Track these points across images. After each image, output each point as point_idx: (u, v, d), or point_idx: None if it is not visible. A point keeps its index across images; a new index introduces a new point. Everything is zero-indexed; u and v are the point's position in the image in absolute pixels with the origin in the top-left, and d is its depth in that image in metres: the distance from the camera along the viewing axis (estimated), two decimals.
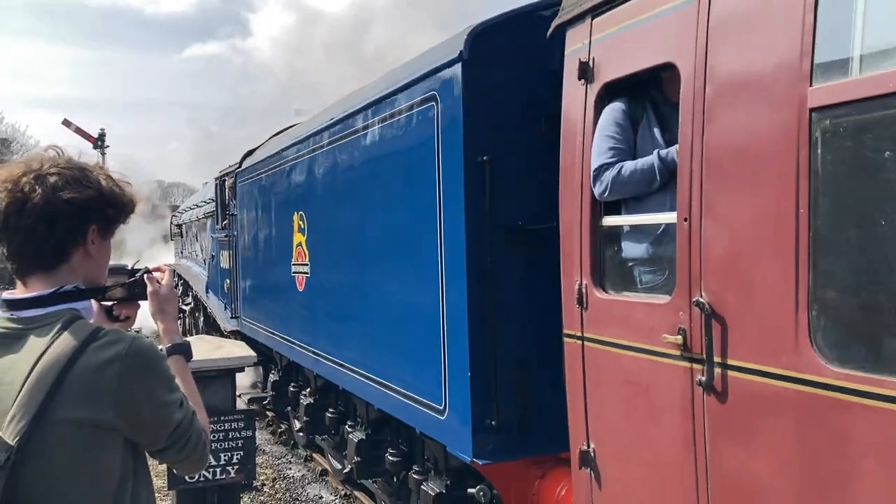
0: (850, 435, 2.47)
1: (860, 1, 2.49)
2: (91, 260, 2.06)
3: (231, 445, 5.75)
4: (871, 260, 2.47)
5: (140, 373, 1.93)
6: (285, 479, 9.83)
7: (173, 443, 2.02)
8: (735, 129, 2.91)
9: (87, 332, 1.92)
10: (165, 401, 1.98)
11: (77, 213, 1.98)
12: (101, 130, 49.54)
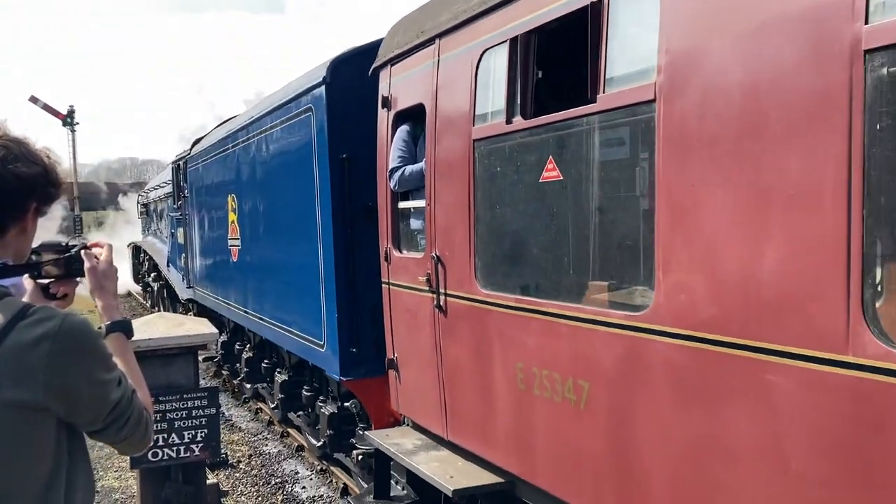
0: (491, 328, 4.36)
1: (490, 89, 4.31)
2: (25, 235, 2.01)
3: (195, 423, 5.70)
4: (492, 230, 4.35)
5: (73, 351, 1.85)
6: (261, 455, 9.80)
7: (112, 422, 1.95)
8: (446, 149, 4.77)
9: (16, 310, 1.84)
10: (101, 379, 1.91)
11: (23, 188, 1.93)
12: (70, 107, 48.08)
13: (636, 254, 3.29)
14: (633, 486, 3.33)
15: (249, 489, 8.69)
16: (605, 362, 3.42)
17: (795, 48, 2.48)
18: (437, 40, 4.90)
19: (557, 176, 3.78)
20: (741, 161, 2.68)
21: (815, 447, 2.49)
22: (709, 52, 2.84)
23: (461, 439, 4.83)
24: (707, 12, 2.86)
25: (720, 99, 2.77)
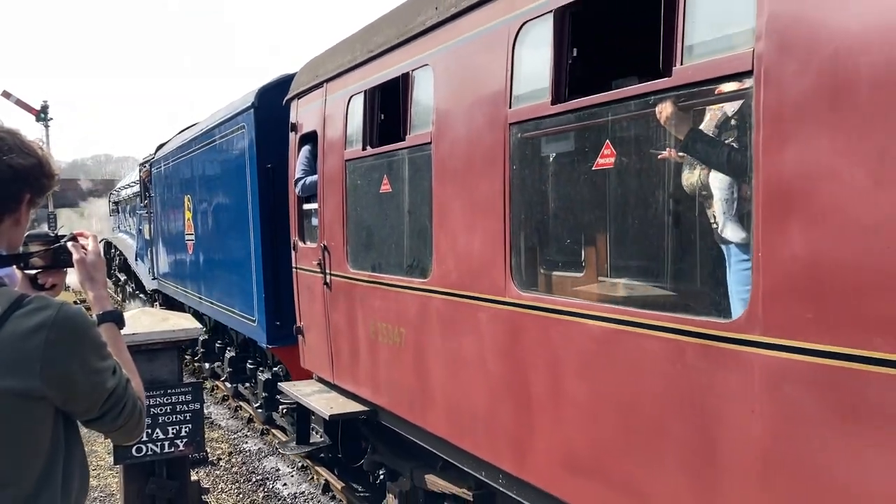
0: (356, 296, 6.05)
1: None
2: (18, 227, 2.03)
3: (179, 418, 5.70)
4: (356, 226, 6.05)
5: (69, 339, 1.86)
6: (241, 452, 9.84)
7: (108, 410, 1.97)
8: (329, 166, 6.45)
9: (11, 299, 1.87)
10: (97, 367, 1.93)
11: (18, 179, 1.95)
12: (43, 102, 46.90)
13: (426, 242, 4.99)
14: (426, 396, 5.05)
15: (230, 487, 8.67)
16: (412, 313, 5.14)
17: (484, 120, 4.21)
18: (325, 84, 6.59)
19: (388, 189, 5.50)
20: (465, 186, 4.41)
21: (497, 354, 4.22)
22: (452, 122, 4.56)
23: (342, 382, 6.53)
24: (458, 110, 4.56)
25: (457, 148, 4.48)
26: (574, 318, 3.57)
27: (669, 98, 3.06)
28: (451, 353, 4.69)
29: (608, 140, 3.49)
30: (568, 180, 4.10)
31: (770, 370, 2.59)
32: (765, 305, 2.56)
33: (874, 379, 2.28)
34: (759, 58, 2.63)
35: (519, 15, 3.89)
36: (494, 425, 4.27)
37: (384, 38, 5.51)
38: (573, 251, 4.18)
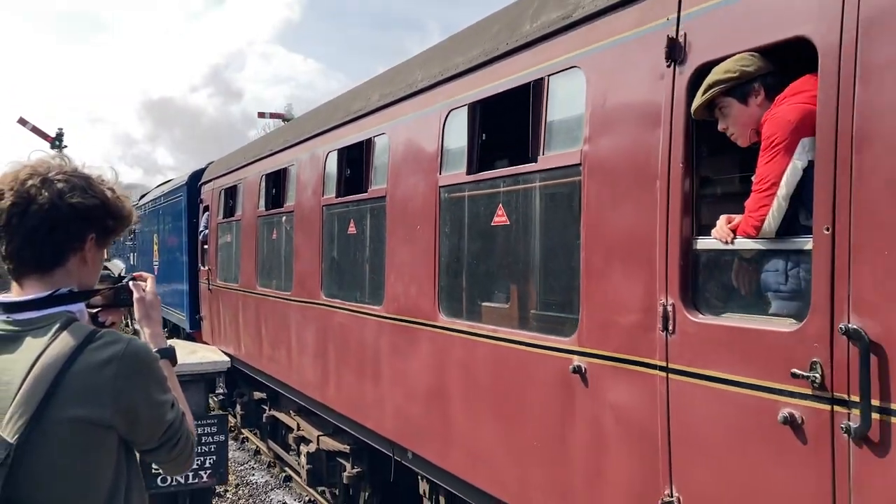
0: (222, 298, 11.46)
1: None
2: (86, 266, 2.13)
3: (204, 450, 5.69)
4: (221, 257, 11.52)
5: (136, 373, 1.99)
6: (248, 484, 9.94)
7: (165, 441, 2.09)
8: (212, 226, 11.91)
9: (85, 334, 1.98)
10: (159, 400, 2.06)
11: (79, 219, 2.05)
12: (58, 130, 49.03)
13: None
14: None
15: None
16: (241, 302, 10.53)
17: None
18: (213, 181, 12.07)
19: (230, 239, 10.95)
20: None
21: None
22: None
23: (218, 344, 11.88)
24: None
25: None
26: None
27: None
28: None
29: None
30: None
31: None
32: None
33: None
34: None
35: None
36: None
37: (232, 162, 11.01)
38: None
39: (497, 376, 4.69)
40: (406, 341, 5.82)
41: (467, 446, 5.07)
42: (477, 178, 4.95)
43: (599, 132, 3.80)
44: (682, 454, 3.32)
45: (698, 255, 3.30)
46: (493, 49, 4.84)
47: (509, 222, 4.64)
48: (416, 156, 5.74)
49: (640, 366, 3.53)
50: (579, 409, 3.93)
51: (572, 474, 4.00)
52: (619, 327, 3.65)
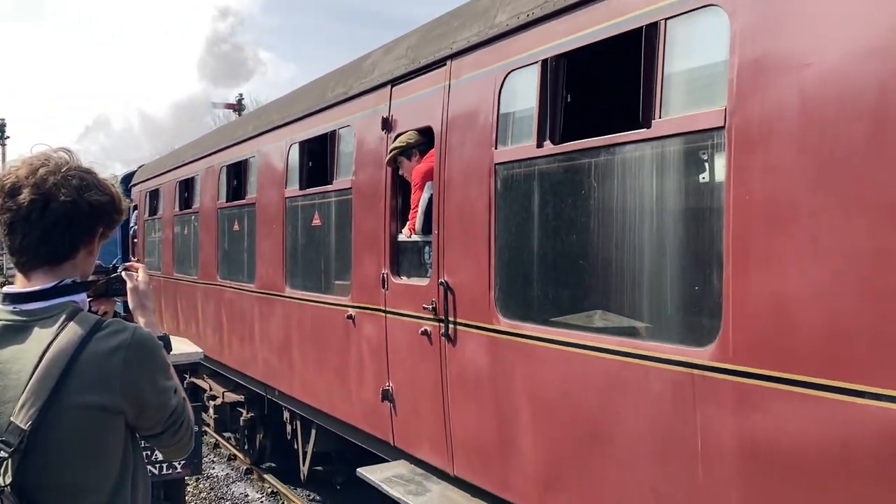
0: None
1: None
2: (91, 258, 2.21)
3: None
4: (150, 248, 13.68)
5: (143, 360, 2.06)
6: (209, 478, 9.88)
7: (170, 426, 2.16)
8: (142, 221, 14.04)
9: (92, 323, 2.05)
10: (165, 386, 2.13)
11: (94, 215, 2.12)
12: (1, 120, 48.05)
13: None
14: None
15: None
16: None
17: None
18: (140, 184, 14.18)
19: (157, 235, 13.11)
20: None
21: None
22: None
23: None
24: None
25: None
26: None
27: None
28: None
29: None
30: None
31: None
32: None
33: None
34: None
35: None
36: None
37: (155, 169, 13.15)
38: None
39: (313, 325, 7.05)
40: (268, 308, 8.14)
41: (302, 378, 7.41)
42: (304, 193, 7.28)
43: (360, 167, 6.18)
44: (392, 359, 5.71)
45: (397, 244, 5.69)
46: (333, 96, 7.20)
47: (321, 223, 7.00)
48: (272, 172, 8.05)
49: (374, 311, 5.91)
50: (352, 339, 6.31)
51: (350, 377, 6.39)
52: (367, 289, 6.03)
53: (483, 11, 4.89)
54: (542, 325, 4.26)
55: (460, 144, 4.89)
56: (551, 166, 4.19)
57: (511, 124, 4.49)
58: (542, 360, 4.18)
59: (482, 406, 4.72)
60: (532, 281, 4.53)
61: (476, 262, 4.69)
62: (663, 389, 3.42)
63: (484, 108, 4.66)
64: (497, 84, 4.53)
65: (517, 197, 4.47)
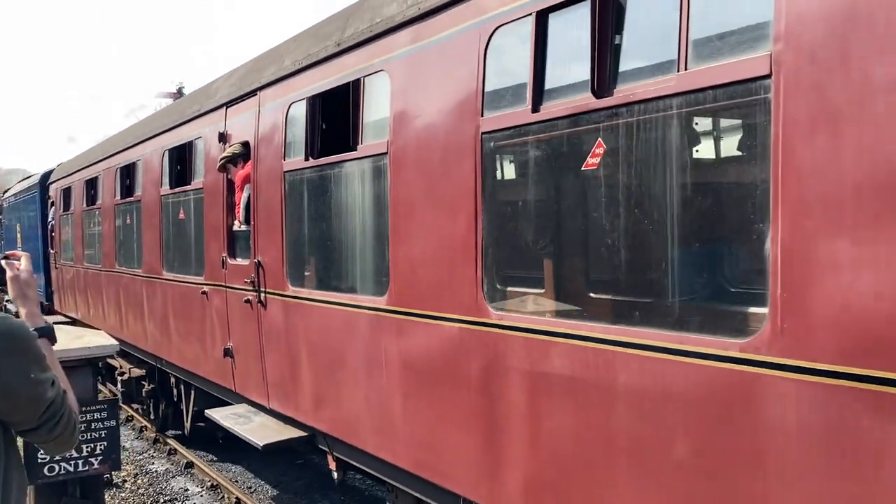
0: (73, 275, 14.93)
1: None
2: None
3: (94, 436, 5.60)
4: (65, 241, 14.99)
5: (12, 350, 1.96)
6: (148, 473, 9.72)
7: (46, 420, 2.06)
8: (55, 217, 15.30)
9: None
10: (38, 378, 2.02)
11: None
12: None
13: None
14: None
15: None
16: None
17: (154, 191, 13.20)
18: (56, 182, 15.43)
19: (68, 232, 14.41)
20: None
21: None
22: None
23: (68, 312, 15.28)
24: None
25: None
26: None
27: None
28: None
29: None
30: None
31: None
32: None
33: None
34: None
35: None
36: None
37: (68, 169, 14.43)
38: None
39: (182, 302, 8.59)
40: (151, 290, 9.62)
41: (178, 346, 8.94)
42: (173, 192, 8.79)
43: (209, 172, 7.72)
44: (231, 324, 7.30)
45: (233, 233, 7.26)
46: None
47: (185, 217, 8.53)
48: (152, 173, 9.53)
49: (218, 286, 7.49)
50: (206, 310, 7.88)
51: (206, 341, 7.95)
52: (214, 269, 7.59)
53: (278, 56, 6.49)
54: (311, 289, 5.90)
55: (266, 156, 6.48)
56: (311, 175, 5.83)
57: (293, 142, 6.09)
58: (311, 314, 5.82)
59: (281, 353, 6.34)
60: (305, 258, 6.17)
61: (276, 246, 6.30)
62: (366, 326, 5.09)
63: (277, 130, 6.26)
64: (284, 112, 6.14)
65: (295, 197, 6.09)
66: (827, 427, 2.51)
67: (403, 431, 4.81)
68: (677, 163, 3.05)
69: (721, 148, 3.17)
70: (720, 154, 3.20)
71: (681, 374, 2.98)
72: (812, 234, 2.52)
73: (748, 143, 2.86)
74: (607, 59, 3.28)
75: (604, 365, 3.32)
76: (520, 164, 4.15)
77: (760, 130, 2.70)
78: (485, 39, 3.98)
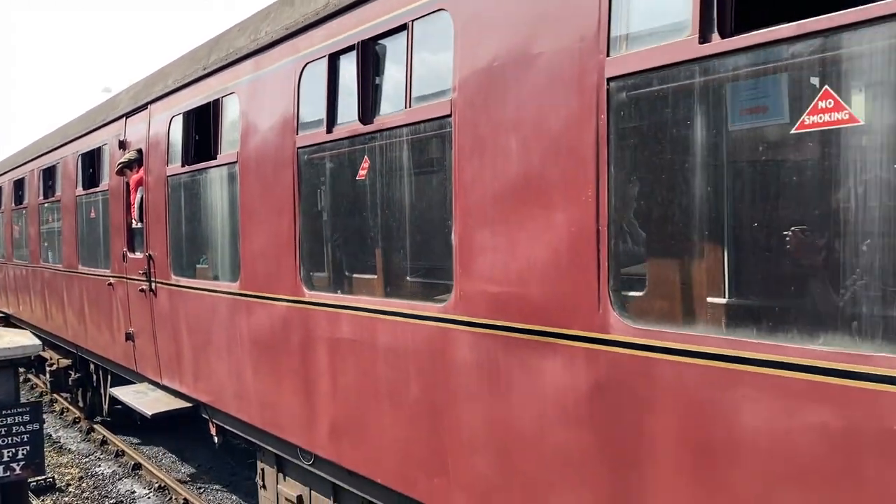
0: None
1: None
2: None
3: (15, 441, 5.47)
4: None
5: None
6: (94, 476, 9.54)
7: None
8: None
9: None
10: None
11: None
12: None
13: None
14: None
15: None
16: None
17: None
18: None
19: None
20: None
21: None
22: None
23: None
24: None
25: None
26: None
27: None
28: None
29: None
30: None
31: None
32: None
33: None
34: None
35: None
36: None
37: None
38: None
39: (95, 293, 9.46)
40: (69, 283, 10.46)
41: (92, 335, 9.80)
42: (86, 193, 9.65)
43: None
44: (132, 311, 8.21)
45: (132, 230, 8.17)
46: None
47: (95, 216, 9.40)
48: None
49: (121, 277, 8.38)
50: (113, 300, 8.78)
51: (113, 327, 8.86)
52: (118, 262, 8.49)
53: (165, 75, 7.43)
54: (188, 278, 6.86)
55: (154, 161, 7.41)
56: (186, 179, 6.80)
57: (177, 150, 7.04)
58: (188, 299, 6.78)
59: (169, 335, 7.29)
60: (182, 251, 7.12)
61: (162, 241, 7.24)
62: (226, 308, 6.07)
63: (162, 139, 7.20)
64: (167, 124, 7.07)
65: (176, 198, 7.05)
66: (482, 361, 3.57)
67: (255, 395, 5.80)
68: (406, 177, 4.10)
69: (432, 164, 4.12)
70: (432, 168, 4.14)
71: (410, 332, 4.02)
72: (471, 228, 3.57)
73: (443, 162, 3.89)
74: (369, 94, 4.31)
75: (370, 329, 4.36)
76: (319, 174, 5.16)
77: (448, 153, 3.75)
78: (298, 72, 4.98)
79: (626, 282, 3.00)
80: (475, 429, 3.66)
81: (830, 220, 2.41)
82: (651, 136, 3.01)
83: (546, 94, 3.17)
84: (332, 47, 4.63)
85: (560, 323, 3.17)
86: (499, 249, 3.44)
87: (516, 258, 3.36)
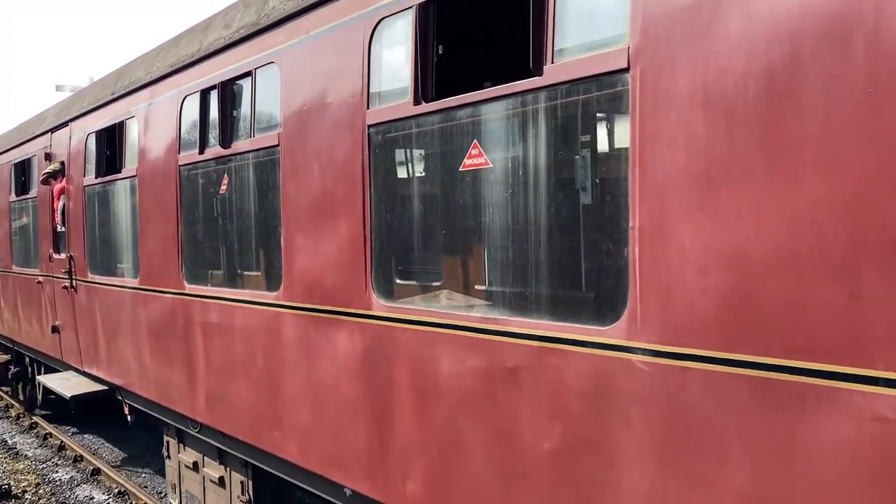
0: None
1: None
2: None
3: None
4: None
5: None
6: (51, 483, 9.42)
7: None
8: None
9: None
10: None
11: None
12: None
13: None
14: None
15: None
16: None
17: None
18: None
19: None
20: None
21: None
22: None
23: None
24: None
25: None
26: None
27: None
28: None
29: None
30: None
31: None
32: None
33: None
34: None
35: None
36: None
37: None
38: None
39: (28, 291, 10.36)
40: (4, 282, 11.32)
41: (25, 329, 10.69)
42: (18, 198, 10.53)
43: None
44: (57, 306, 9.14)
45: (57, 233, 9.11)
46: None
47: (28, 220, 10.31)
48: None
49: (47, 276, 9.31)
50: (41, 297, 9.70)
51: (42, 321, 9.77)
52: (45, 262, 9.41)
53: (81, 98, 8.40)
54: (103, 275, 7.85)
55: (74, 173, 8.37)
56: (99, 189, 7.80)
57: (92, 163, 8.01)
58: (101, 293, 7.77)
59: (87, 326, 8.26)
60: (97, 252, 8.11)
61: (80, 243, 8.21)
62: (129, 301, 7.10)
63: (80, 153, 8.17)
64: (84, 139, 8.04)
65: (91, 205, 8.04)
66: (300, 335, 4.67)
67: (153, 375, 6.82)
68: (252, 192, 5.21)
69: (268, 183, 5.27)
70: (269, 186, 5.33)
71: (255, 316, 5.11)
72: (293, 233, 4.68)
73: (276, 181, 5.02)
74: (228, 124, 5.39)
75: (230, 315, 5.42)
76: (195, 188, 6.19)
77: (278, 174, 4.85)
78: (180, 102, 6.02)
79: (382, 273, 4.12)
80: (298, 388, 4.74)
81: (479, 228, 3.55)
82: (391, 168, 4.17)
83: (335, 133, 4.27)
84: (203, 84, 5.67)
85: (344, 304, 4.26)
86: (309, 249, 4.52)
87: (318, 256, 4.45)
